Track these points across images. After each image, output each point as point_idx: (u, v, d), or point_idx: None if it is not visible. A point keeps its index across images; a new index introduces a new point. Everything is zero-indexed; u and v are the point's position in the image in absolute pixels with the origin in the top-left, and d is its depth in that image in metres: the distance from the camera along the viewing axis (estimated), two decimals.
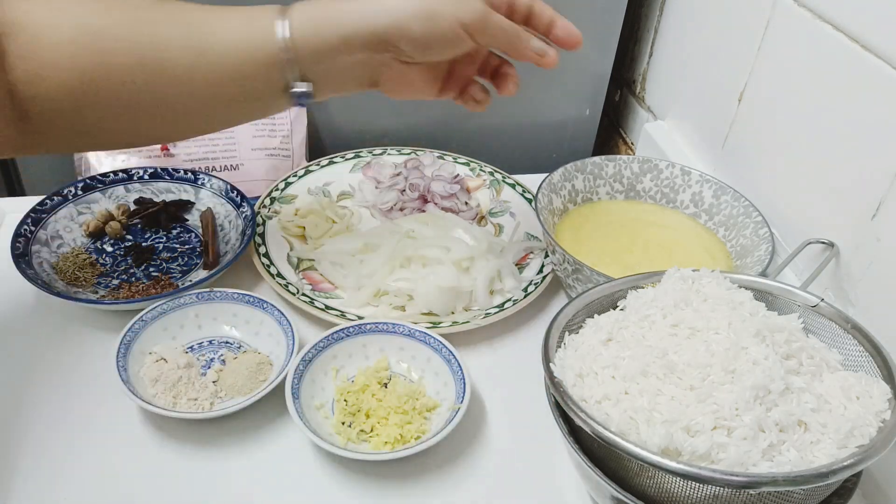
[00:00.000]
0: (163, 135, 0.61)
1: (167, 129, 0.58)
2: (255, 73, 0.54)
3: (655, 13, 0.89)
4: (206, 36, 0.53)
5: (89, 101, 0.52)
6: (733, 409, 0.42)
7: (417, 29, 0.53)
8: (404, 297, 0.66)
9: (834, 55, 0.58)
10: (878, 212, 0.55)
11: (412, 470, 0.54)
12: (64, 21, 0.51)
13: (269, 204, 0.76)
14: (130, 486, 0.52)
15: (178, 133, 0.62)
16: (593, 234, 0.70)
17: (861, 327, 0.49)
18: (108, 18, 0.52)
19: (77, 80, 0.51)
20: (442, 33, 0.54)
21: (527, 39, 0.57)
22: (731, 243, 0.70)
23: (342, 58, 0.54)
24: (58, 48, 0.51)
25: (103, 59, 0.52)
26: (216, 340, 0.62)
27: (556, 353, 0.49)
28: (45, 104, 0.52)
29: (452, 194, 0.79)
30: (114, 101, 0.53)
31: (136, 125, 0.56)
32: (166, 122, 0.57)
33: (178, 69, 0.53)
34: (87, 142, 0.59)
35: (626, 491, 0.44)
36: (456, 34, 0.54)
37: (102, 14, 0.52)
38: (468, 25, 0.54)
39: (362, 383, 0.58)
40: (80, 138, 0.57)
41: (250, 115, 0.60)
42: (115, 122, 0.55)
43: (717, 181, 0.72)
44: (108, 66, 0.52)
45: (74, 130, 0.55)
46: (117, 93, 0.53)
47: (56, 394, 0.58)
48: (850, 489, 0.45)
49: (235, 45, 0.53)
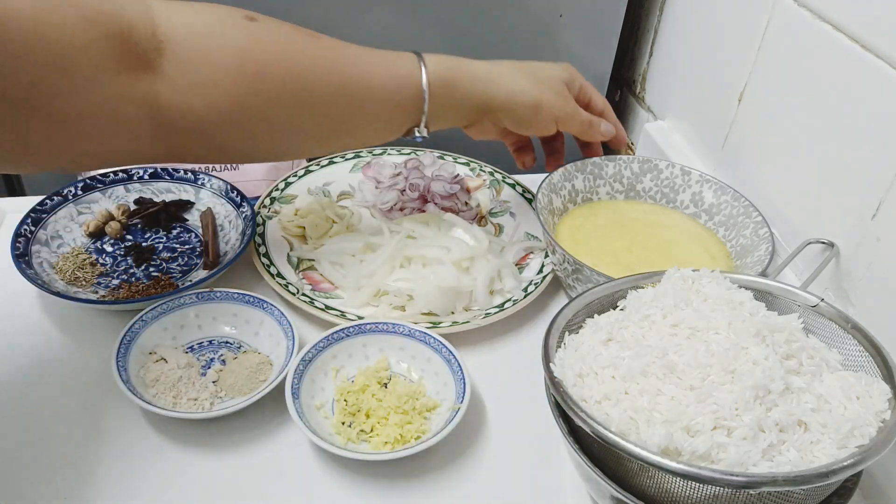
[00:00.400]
0: (289, 155, 0.66)
1: (295, 149, 0.64)
2: (389, 112, 0.62)
3: (655, 13, 0.89)
4: (353, 73, 0.59)
5: (234, 121, 0.55)
6: (733, 409, 0.42)
7: (522, 113, 0.65)
8: (404, 297, 0.66)
9: (834, 55, 0.58)
10: (878, 212, 0.55)
11: (412, 470, 0.54)
12: (224, 43, 0.53)
13: (269, 204, 0.76)
14: (130, 486, 0.52)
15: (303, 153, 0.66)
16: (593, 234, 0.70)
17: (861, 327, 0.49)
18: (266, 45, 0.55)
19: (228, 102, 0.54)
20: (539, 121, 0.66)
21: (598, 126, 0.70)
22: (731, 243, 0.70)
23: (456, 110, 0.65)
24: (216, 69, 0.53)
25: (257, 83, 0.54)
26: (216, 340, 0.62)
27: (556, 353, 0.49)
28: (191, 120, 0.53)
29: (452, 194, 0.79)
30: (258, 123, 0.56)
31: (270, 145, 0.60)
32: (298, 144, 0.62)
33: (322, 99, 0.58)
34: (219, 157, 0.62)
35: (626, 491, 0.44)
36: (549, 123, 0.67)
37: (261, 41, 0.55)
38: (560, 119, 0.67)
39: (362, 383, 0.58)
40: (213, 153, 0.60)
41: (369, 143, 0.68)
42: (253, 141, 0.58)
43: (717, 181, 0.72)
44: (260, 91, 0.55)
45: (211, 146, 0.57)
46: (264, 115, 0.56)
47: (56, 394, 0.58)
48: (850, 489, 0.45)
49: (378, 86, 0.60)
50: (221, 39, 0.53)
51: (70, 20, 0.45)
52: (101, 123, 0.49)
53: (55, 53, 0.45)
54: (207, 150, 0.58)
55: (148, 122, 0.52)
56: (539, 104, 0.65)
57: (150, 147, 0.54)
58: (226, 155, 0.62)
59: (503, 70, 0.65)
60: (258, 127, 0.57)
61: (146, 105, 0.51)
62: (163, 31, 0.51)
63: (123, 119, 0.50)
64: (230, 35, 0.54)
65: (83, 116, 0.48)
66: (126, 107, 0.50)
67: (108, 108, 0.49)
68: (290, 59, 0.56)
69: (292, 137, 0.60)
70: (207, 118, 0.54)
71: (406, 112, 0.62)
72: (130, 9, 0.49)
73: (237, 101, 0.54)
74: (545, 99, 0.65)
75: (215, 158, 0.63)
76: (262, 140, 0.59)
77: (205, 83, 0.52)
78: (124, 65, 0.49)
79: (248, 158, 0.67)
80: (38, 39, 0.44)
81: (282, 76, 0.55)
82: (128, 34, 0.49)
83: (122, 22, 0.48)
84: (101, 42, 0.47)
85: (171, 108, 0.52)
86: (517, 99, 0.64)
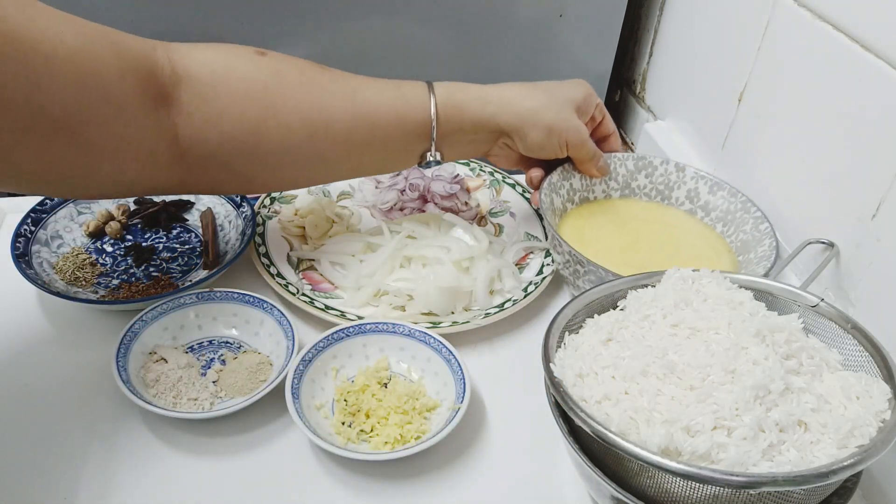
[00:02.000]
0: (305, 182, 0.67)
1: (311, 177, 0.65)
2: (401, 139, 0.62)
3: (655, 13, 0.89)
4: (365, 102, 0.60)
5: (250, 151, 0.57)
6: (733, 409, 0.42)
7: (534, 136, 0.65)
8: (404, 297, 0.66)
9: (834, 55, 0.58)
10: (878, 212, 0.55)
11: (412, 470, 0.54)
12: (239, 76, 0.56)
13: (269, 204, 0.76)
14: (130, 487, 0.52)
15: (318, 181, 0.67)
16: (597, 233, 0.70)
17: (861, 327, 0.49)
18: (279, 77, 0.57)
19: (243, 132, 0.56)
20: (550, 145, 0.66)
21: (597, 161, 0.70)
22: (731, 238, 0.70)
23: (469, 136, 0.65)
24: (231, 101, 0.55)
25: (271, 114, 0.56)
26: (216, 340, 0.62)
27: (556, 353, 0.49)
28: (207, 151, 0.56)
29: (452, 194, 0.79)
30: (273, 153, 0.58)
31: (284, 174, 0.62)
32: (311, 173, 0.64)
33: (336, 128, 0.59)
34: (235, 186, 0.63)
35: (626, 491, 0.44)
36: (559, 147, 0.67)
37: (274, 73, 0.57)
38: (571, 145, 0.67)
39: (362, 383, 0.58)
40: (230, 183, 0.62)
41: (384, 170, 0.70)
42: (267, 170, 0.60)
43: (712, 177, 0.72)
44: (274, 121, 0.57)
45: (227, 175, 0.59)
46: (278, 145, 0.57)
47: (56, 394, 0.58)
48: (850, 489, 0.45)
49: (389, 114, 0.61)
50: (234, 73, 0.56)
51: (107, 54, 0.49)
52: (127, 152, 0.52)
53: (94, 83, 0.48)
54: (225, 179, 0.60)
55: (167, 151, 0.54)
56: (550, 127, 0.65)
57: (167, 175, 0.56)
58: (243, 185, 0.63)
59: (515, 93, 0.65)
60: (273, 156, 0.58)
61: (167, 135, 0.54)
62: (181, 66, 0.54)
63: (147, 149, 0.53)
64: (243, 68, 0.56)
65: (112, 145, 0.51)
66: (150, 137, 0.53)
67: (135, 138, 0.52)
68: (302, 90, 0.58)
69: (306, 166, 0.61)
70: (223, 147, 0.56)
71: (417, 137, 0.63)
72: (154, 48, 0.53)
73: (252, 130, 0.56)
74: (557, 122, 0.65)
75: (233, 188, 0.64)
76: (277, 169, 0.60)
77: (220, 114, 0.55)
78: (149, 98, 0.52)
79: (265, 187, 0.69)
80: (81, 68, 0.47)
81: (294, 106, 0.57)
82: (152, 70, 0.52)
83: (149, 59, 0.52)
84: (130, 75, 0.50)
85: (191, 139, 0.54)
86: (528, 122, 0.64)
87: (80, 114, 0.48)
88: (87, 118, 0.48)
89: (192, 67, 0.54)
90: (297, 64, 0.59)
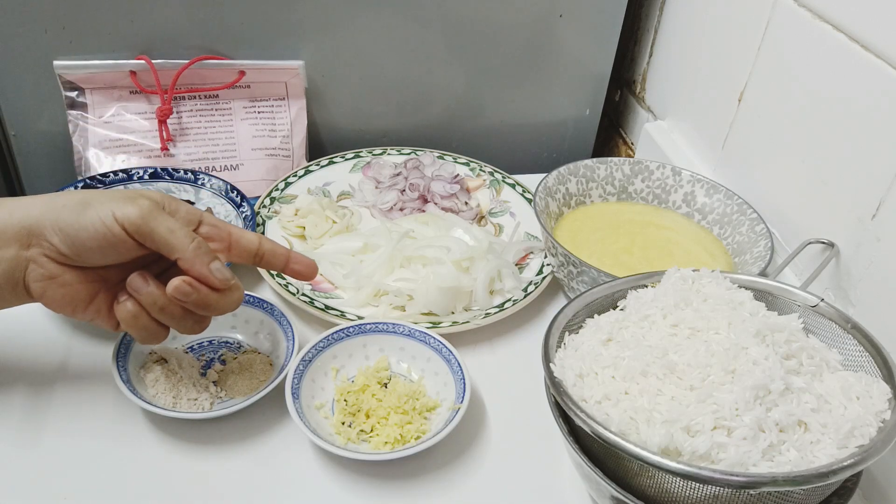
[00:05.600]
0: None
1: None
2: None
3: (655, 13, 0.89)
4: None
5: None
6: (733, 409, 0.42)
7: (67, 216, 0.47)
8: (404, 297, 0.66)
9: (834, 55, 0.58)
10: (878, 212, 0.55)
11: (412, 470, 0.54)
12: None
13: (269, 204, 0.76)
14: (131, 487, 0.52)
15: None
16: (591, 236, 0.70)
17: (861, 327, 0.49)
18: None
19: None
20: (92, 224, 0.46)
21: (207, 255, 0.48)
22: (727, 241, 0.70)
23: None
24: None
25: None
26: (216, 340, 0.62)
27: (556, 353, 0.49)
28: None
29: (452, 194, 0.79)
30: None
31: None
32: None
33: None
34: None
35: (626, 491, 0.44)
36: (107, 228, 0.46)
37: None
38: (127, 222, 0.47)
39: (362, 383, 0.58)
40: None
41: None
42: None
43: (709, 180, 0.72)
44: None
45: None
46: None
47: (56, 394, 0.58)
48: (850, 489, 0.45)
49: None
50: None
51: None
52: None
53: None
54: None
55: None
56: (87, 201, 0.48)
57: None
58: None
59: None
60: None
61: None
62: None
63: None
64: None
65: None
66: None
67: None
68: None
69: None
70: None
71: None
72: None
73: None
74: (93, 197, 0.48)
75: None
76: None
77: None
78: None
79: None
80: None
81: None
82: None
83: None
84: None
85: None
86: (58, 202, 0.48)
87: None
88: None
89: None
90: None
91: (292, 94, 0.82)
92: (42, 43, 0.74)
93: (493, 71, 0.86)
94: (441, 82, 0.86)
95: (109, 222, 0.47)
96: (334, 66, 0.82)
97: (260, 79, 0.80)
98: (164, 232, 0.47)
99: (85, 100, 0.77)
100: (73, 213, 0.47)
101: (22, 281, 0.49)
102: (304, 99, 0.82)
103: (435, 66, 0.85)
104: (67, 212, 0.47)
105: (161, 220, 0.47)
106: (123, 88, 0.78)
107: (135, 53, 0.76)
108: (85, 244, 0.47)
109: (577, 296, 0.53)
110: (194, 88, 0.79)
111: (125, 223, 0.47)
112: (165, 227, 0.47)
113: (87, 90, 0.77)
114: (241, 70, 0.79)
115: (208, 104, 0.80)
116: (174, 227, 0.48)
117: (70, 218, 0.47)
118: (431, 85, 0.86)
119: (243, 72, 0.79)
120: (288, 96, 0.82)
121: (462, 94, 0.88)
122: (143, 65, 0.76)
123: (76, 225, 0.47)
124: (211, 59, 0.77)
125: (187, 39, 0.77)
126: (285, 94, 0.82)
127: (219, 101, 0.80)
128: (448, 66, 0.85)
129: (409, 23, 0.81)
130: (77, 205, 0.47)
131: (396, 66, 0.84)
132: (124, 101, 0.78)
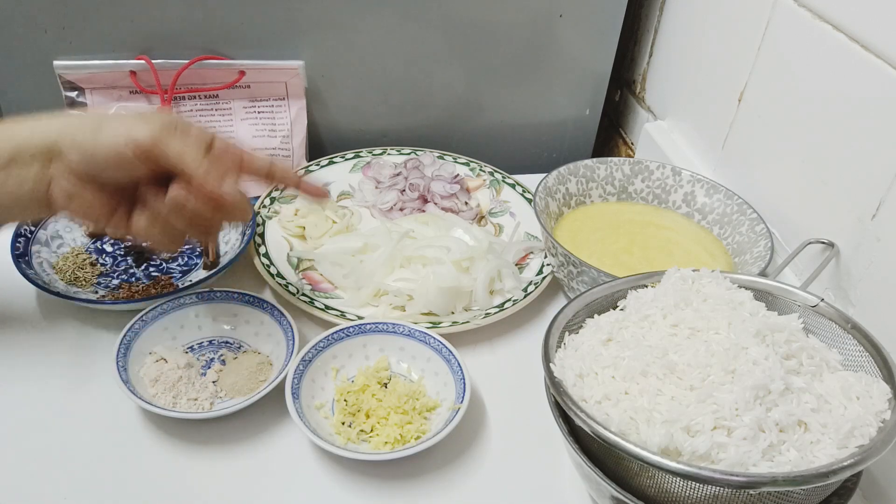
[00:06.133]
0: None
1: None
2: None
3: (655, 13, 0.89)
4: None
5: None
6: (733, 409, 0.42)
7: (83, 137, 0.49)
8: (404, 297, 0.66)
9: (834, 55, 0.58)
10: (878, 212, 0.55)
11: (412, 470, 0.54)
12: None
13: (269, 204, 0.76)
14: (130, 486, 0.52)
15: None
16: (591, 236, 0.70)
17: (861, 327, 0.49)
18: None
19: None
20: (107, 145, 0.49)
21: (217, 176, 0.50)
22: (727, 241, 0.70)
23: (14, 171, 0.50)
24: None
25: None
26: (216, 340, 0.62)
27: (556, 353, 0.49)
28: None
29: (452, 194, 0.79)
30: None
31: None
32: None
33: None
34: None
35: (626, 491, 0.44)
36: (121, 149, 0.48)
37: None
38: (138, 144, 0.48)
39: (362, 383, 0.58)
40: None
41: None
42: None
43: (708, 180, 0.72)
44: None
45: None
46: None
47: (56, 393, 0.58)
48: (850, 489, 0.45)
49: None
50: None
51: None
52: None
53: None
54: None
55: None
56: (100, 124, 0.51)
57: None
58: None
59: None
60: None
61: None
62: None
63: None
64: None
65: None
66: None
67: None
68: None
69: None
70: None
71: None
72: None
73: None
74: (107, 119, 0.51)
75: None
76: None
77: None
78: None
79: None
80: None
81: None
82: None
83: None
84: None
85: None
86: (73, 123, 0.51)
87: None
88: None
89: None
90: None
91: (292, 94, 0.82)
92: (42, 43, 0.74)
93: (493, 71, 0.86)
94: (441, 82, 0.86)
95: (122, 144, 0.49)
96: (334, 66, 0.82)
97: (260, 79, 0.80)
98: (174, 154, 0.49)
99: (85, 100, 0.77)
100: (89, 134, 0.49)
101: (45, 196, 0.51)
102: (304, 99, 0.82)
103: (435, 66, 0.85)
104: (84, 132, 0.49)
105: (172, 143, 0.49)
106: (123, 88, 0.78)
107: (135, 53, 0.76)
108: (101, 164, 0.50)
109: (577, 296, 0.53)
110: (194, 88, 0.79)
111: (137, 145, 0.48)
112: (176, 149, 0.49)
113: (87, 90, 0.77)
114: (241, 70, 0.79)
115: (208, 104, 0.80)
116: (185, 149, 0.49)
117: (86, 138, 0.49)
118: (431, 85, 0.86)
119: (243, 72, 0.79)
120: (288, 96, 0.82)
121: (462, 94, 0.88)
122: (143, 65, 0.76)
123: (93, 145, 0.49)
124: (211, 59, 0.77)
125: (187, 39, 0.77)
126: (285, 94, 0.82)
127: (219, 101, 0.80)
128: (448, 67, 0.85)
129: (409, 23, 0.81)
130: (92, 125, 0.50)
131: (396, 66, 0.84)
132: (124, 102, 0.78)
